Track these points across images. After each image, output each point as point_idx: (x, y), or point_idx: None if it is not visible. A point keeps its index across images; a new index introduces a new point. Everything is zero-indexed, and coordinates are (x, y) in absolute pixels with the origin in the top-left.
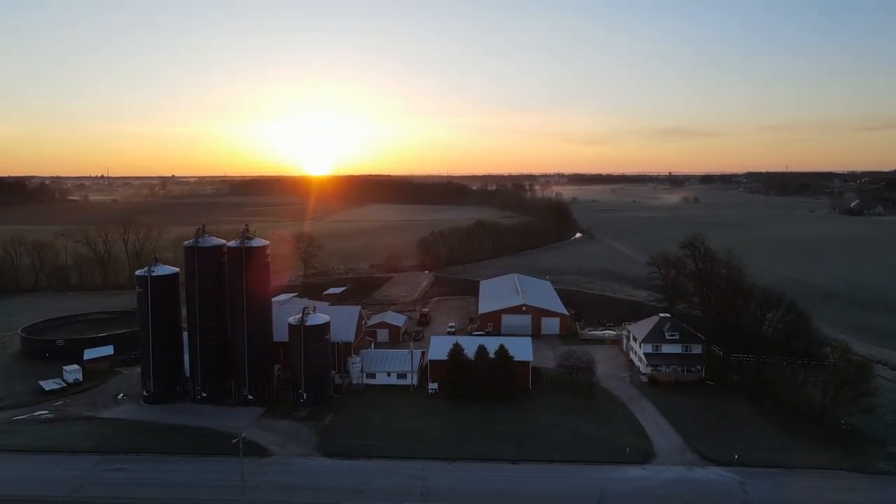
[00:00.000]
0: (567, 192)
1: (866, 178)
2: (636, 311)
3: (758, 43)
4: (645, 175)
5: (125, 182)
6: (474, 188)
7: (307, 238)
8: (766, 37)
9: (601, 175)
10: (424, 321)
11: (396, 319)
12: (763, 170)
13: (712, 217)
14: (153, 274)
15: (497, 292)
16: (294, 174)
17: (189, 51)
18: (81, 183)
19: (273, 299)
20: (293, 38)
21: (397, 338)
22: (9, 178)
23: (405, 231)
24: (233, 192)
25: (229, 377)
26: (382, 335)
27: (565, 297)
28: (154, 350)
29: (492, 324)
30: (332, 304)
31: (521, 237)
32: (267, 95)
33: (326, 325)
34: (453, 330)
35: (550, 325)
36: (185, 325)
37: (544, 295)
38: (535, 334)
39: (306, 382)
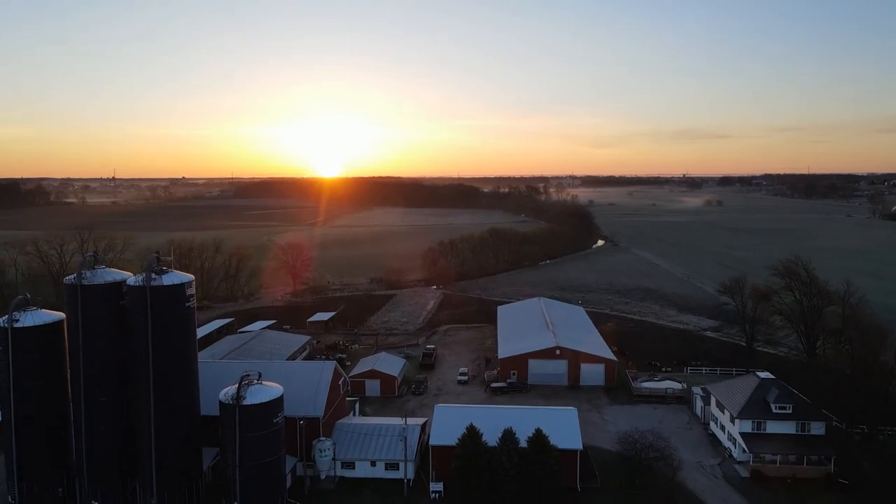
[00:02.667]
0: (582, 194)
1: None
2: (695, 346)
3: (769, 44)
4: (659, 177)
5: (132, 184)
6: (486, 190)
7: (300, 250)
8: (778, 38)
9: (615, 177)
10: (429, 363)
11: (391, 365)
12: (779, 171)
13: (742, 223)
14: (16, 325)
15: (520, 325)
16: (302, 176)
17: (200, 54)
18: (87, 185)
19: (241, 330)
20: (303, 42)
21: (391, 390)
22: (4, 179)
23: (413, 237)
24: (238, 195)
25: (133, 476)
26: (372, 387)
27: (599, 323)
28: (19, 440)
29: (516, 372)
30: (314, 337)
31: (539, 246)
32: (277, 98)
33: (277, 402)
34: (465, 379)
35: (593, 375)
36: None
37: (581, 330)
38: (573, 385)
39: (243, 491)
